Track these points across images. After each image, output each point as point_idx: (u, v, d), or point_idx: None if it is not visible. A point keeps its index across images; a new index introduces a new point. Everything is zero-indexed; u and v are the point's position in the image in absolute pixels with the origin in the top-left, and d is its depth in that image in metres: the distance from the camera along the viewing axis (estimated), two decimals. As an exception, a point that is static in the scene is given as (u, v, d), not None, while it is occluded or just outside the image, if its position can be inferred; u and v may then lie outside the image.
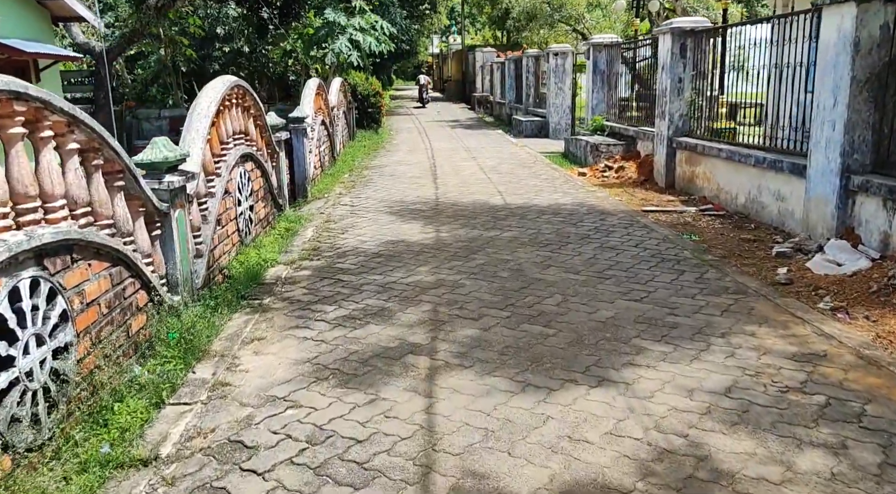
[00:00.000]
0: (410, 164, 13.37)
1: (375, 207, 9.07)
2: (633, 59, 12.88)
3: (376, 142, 17.58)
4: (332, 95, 14.04)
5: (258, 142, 7.25)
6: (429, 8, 37.85)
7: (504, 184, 10.70)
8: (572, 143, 13.79)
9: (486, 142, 17.23)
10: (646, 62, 12.13)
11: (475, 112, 29.93)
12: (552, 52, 17.73)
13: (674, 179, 10.22)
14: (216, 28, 22.15)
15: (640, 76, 12.48)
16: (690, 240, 6.97)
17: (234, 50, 22.47)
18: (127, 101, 21.26)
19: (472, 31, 57.74)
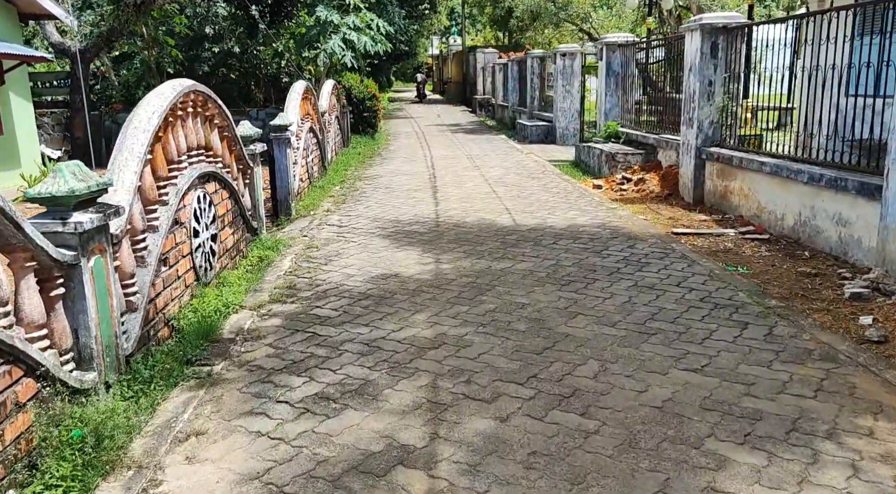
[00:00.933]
0: (408, 175, 12.25)
1: (367, 228, 7.94)
2: (652, 60, 11.76)
3: (372, 149, 16.45)
4: (323, 99, 12.92)
5: (225, 158, 6.12)
6: (428, 8, 36.82)
7: (512, 198, 9.56)
8: (584, 151, 12.66)
9: (490, 149, 16.11)
10: (667, 63, 11.01)
11: (476, 115, 28.81)
12: (559, 53, 16.61)
13: (703, 194, 9.09)
14: (205, 28, 21.04)
15: (660, 78, 11.36)
16: (739, 273, 5.84)
17: (224, 50, 21.35)
18: (114, 104, 20.17)
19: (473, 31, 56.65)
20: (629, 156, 11.00)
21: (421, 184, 11.10)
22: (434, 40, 62.55)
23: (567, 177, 11.46)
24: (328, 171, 12.36)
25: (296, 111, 9.59)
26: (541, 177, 11.59)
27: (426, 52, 64.00)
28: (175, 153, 4.79)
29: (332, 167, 12.92)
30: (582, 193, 9.90)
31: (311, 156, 10.84)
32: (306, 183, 10.31)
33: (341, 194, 10.38)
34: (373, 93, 17.55)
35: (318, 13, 14.95)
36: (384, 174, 12.44)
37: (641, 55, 12.34)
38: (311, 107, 11.07)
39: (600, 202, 9.23)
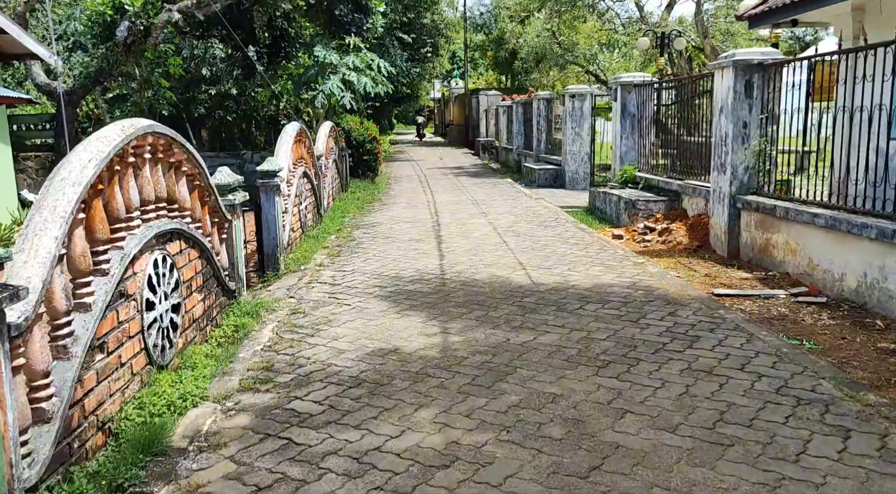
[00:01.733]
0: (410, 222, 11.35)
1: (363, 287, 6.97)
2: (670, 100, 10.98)
3: (371, 194, 15.62)
4: (320, 142, 12.12)
5: (195, 211, 5.20)
6: (430, 51, 36.70)
7: (526, 250, 8.62)
8: (599, 198, 11.78)
9: (496, 194, 15.26)
10: (691, 103, 10.21)
11: (480, 158, 28.17)
12: (568, 94, 15.93)
13: (738, 247, 8.15)
14: (202, 69, 20.53)
15: (682, 120, 10.55)
16: (808, 349, 4.84)
17: (220, 92, 20.79)
18: None
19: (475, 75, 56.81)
20: (651, 204, 10.11)
21: (424, 233, 10.18)
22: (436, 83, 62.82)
23: (583, 226, 10.54)
24: (324, 219, 11.46)
25: (287, 155, 8.73)
26: (554, 225, 10.67)
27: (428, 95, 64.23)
28: (123, 209, 3.86)
29: (329, 214, 12.03)
30: (603, 245, 8.96)
31: (305, 203, 9.96)
32: (298, 233, 9.40)
33: (337, 245, 9.44)
34: (373, 136, 16.82)
35: (317, 53, 14.31)
36: (384, 221, 11.55)
37: (660, 95, 11.57)
38: (305, 150, 10.24)
39: (624, 255, 8.28)
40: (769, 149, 7.85)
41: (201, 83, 20.48)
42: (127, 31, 13.42)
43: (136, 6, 13.40)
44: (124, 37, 13.44)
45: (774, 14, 9.92)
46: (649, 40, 16.75)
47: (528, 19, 23.95)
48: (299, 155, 9.76)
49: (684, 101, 10.56)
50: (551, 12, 21.01)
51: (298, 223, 9.42)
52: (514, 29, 25.86)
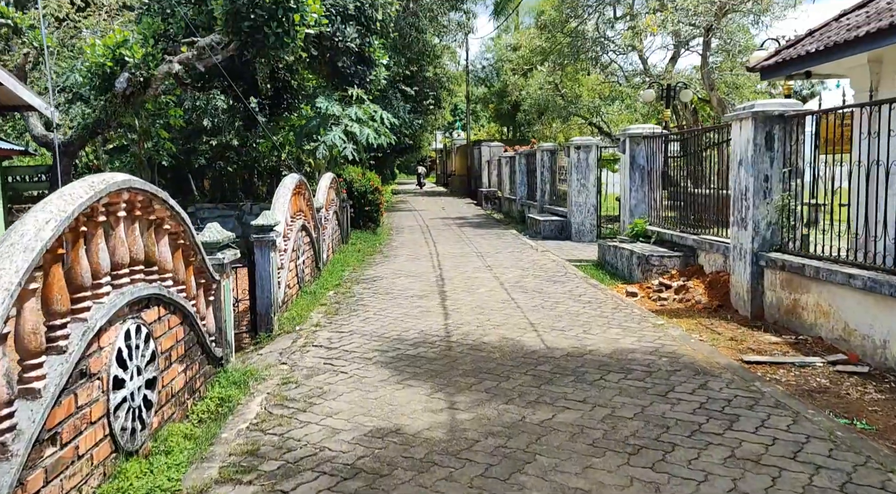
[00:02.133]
0: (412, 276, 10.87)
1: (361, 351, 6.44)
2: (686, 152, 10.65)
3: (373, 245, 15.20)
4: (320, 194, 11.77)
5: (178, 273, 4.73)
6: (433, 103, 37.00)
7: (536, 308, 8.11)
8: (610, 252, 11.33)
9: (501, 246, 14.84)
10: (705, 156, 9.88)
11: (482, 208, 27.91)
12: (574, 146, 15.69)
13: (763, 308, 7.64)
14: (203, 120, 20.47)
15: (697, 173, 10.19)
16: (861, 430, 4.29)
17: (221, 143, 20.68)
18: None
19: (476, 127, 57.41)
20: (665, 260, 9.65)
21: (427, 289, 9.69)
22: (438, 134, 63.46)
23: (594, 282, 10.05)
24: (322, 273, 10.99)
25: (285, 208, 8.33)
26: (563, 280, 10.18)
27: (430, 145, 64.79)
28: (89, 275, 3.39)
29: (328, 268, 11.57)
30: (617, 303, 8.45)
31: (303, 258, 9.51)
32: (295, 289, 8.91)
33: (335, 302, 8.94)
34: (375, 187, 16.53)
35: (319, 104, 14.13)
36: (385, 275, 11.07)
37: (671, 147, 11.26)
38: (304, 202, 9.86)
39: (642, 315, 7.76)
40: (793, 204, 7.43)
41: (202, 134, 20.40)
42: (126, 82, 13.26)
43: (137, 58, 13.28)
44: (123, 88, 13.28)
45: (788, 66, 9.67)
46: (655, 92, 16.63)
47: (530, 72, 24.05)
48: (298, 207, 9.36)
49: (697, 153, 10.23)
50: (554, 65, 21.06)
51: (295, 279, 8.94)
52: (517, 81, 25.97)
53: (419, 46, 30.00)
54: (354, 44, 14.33)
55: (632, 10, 17.79)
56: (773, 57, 10.14)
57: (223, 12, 12.13)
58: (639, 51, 19.07)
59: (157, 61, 13.52)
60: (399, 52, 28.53)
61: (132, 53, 13.09)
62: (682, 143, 10.89)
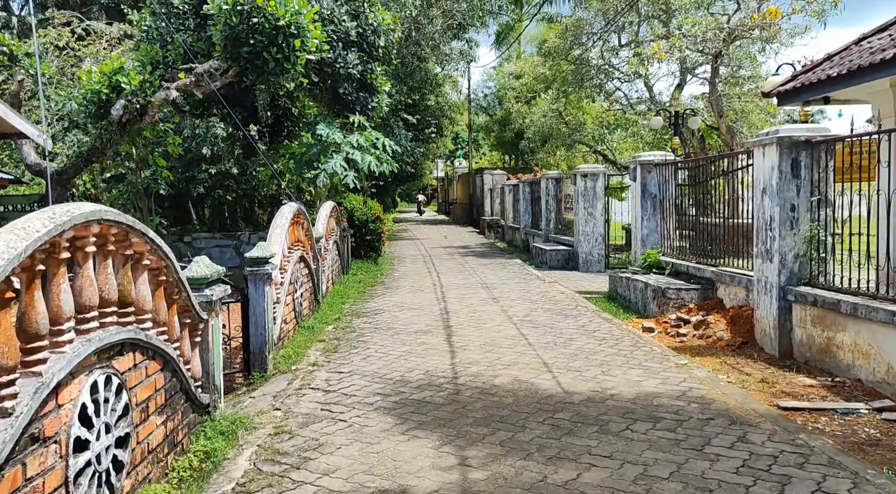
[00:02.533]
0: (415, 309, 10.37)
1: (362, 395, 5.92)
2: (700, 180, 10.23)
3: (374, 276, 14.73)
4: (320, 223, 11.34)
5: (159, 313, 4.25)
6: (434, 131, 36.89)
7: (548, 346, 7.60)
8: (622, 284, 10.84)
9: (506, 276, 14.36)
10: (723, 183, 9.46)
11: (485, 237, 27.50)
12: (580, 173, 15.32)
13: (791, 346, 7.14)
14: (202, 148, 20.20)
15: (714, 201, 9.76)
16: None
17: (221, 171, 20.37)
18: None
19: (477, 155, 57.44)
20: (682, 292, 9.15)
21: (431, 323, 9.18)
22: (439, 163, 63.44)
23: (607, 316, 9.55)
24: (321, 306, 10.50)
25: (282, 239, 7.88)
26: (575, 314, 9.68)
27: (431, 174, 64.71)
28: (45, 322, 2.92)
29: (327, 300, 11.08)
30: (635, 340, 7.94)
31: (301, 291, 9.03)
32: (292, 324, 8.42)
33: (334, 338, 8.43)
34: (376, 215, 16.13)
35: (319, 131, 13.80)
36: (387, 308, 10.58)
37: (684, 174, 10.85)
38: (303, 232, 9.42)
39: (662, 354, 7.25)
40: (823, 234, 6.98)
41: (202, 162, 20.11)
42: (122, 109, 12.94)
43: (133, 85, 12.98)
44: (119, 115, 12.96)
45: (806, 91, 9.32)
46: (662, 119, 16.32)
47: (534, 99, 23.85)
48: (296, 238, 8.91)
49: (713, 181, 9.81)
50: (558, 92, 20.83)
51: (292, 313, 8.45)
52: (521, 109, 25.76)
53: (421, 75, 29.96)
54: (356, 70, 14.06)
55: (637, 38, 17.59)
56: (790, 82, 9.79)
57: (222, 37, 11.85)
58: (644, 78, 18.84)
59: (154, 88, 13.22)
60: (401, 80, 28.46)
61: (129, 80, 12.80)
62: (696, 170, 10.48)
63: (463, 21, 27.38)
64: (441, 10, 27.11)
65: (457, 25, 28.66)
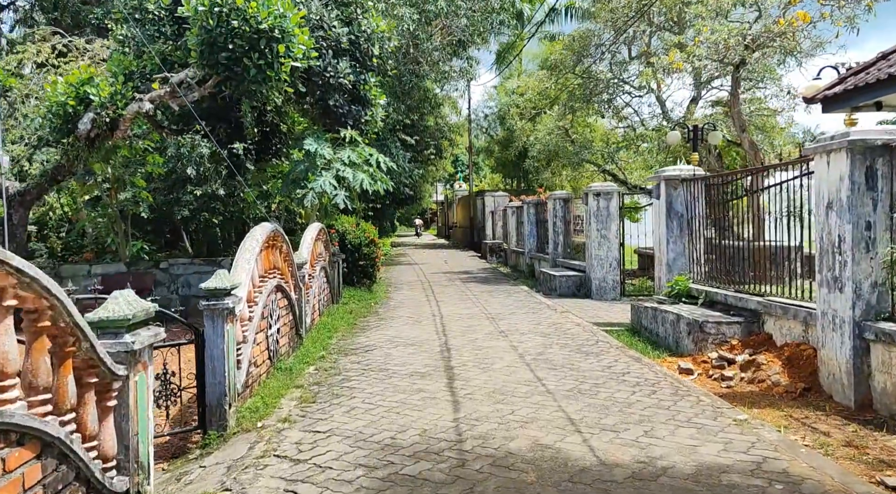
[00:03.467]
0: (412, 345, 9.06)
1: (340, 467, 4.59)
2: (737, 196, 9.00)
3: (367, 305, 13.42)
4: (304, 247, 10.07)
5: (36, 376, 2.96)
6: (434, 153, 35.85)
7: (572, 395, 6.28)
8: (646, 315, 9.53)
9: (513, 305, 13.05)
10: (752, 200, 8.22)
11: (487, 261, 26.24)
12: (592, 192, 14.11)
13: (870, 395, 5.82)
14: (187, 168, 19.03)
15: (758, 220, 8.51)
16: None
17: (207, 193, 19.14)
18: (86, 253, 17.67)
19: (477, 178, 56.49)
20: (723, 326, 7.85)
21: (430, 363, 7.87)
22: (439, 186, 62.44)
23: (635, 354, 8.23)
24: (304, 341, 9.18)
25: (250, 266, 6.60)
26: (597, 351, 8.36)
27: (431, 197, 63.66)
28: None
29: (312, 334, 9.76)
30: (674, 385, 6.61)
31: (277, 326, 7.73)
32: (265, 366, 7.10)
33: (314, 383, 7.10)
34: (371, 239, 14.86)
35: (307, 146, 12.61)
36: (380, 343, 9.27)
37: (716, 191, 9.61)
38: (281, 257, 8.14)
39: (713, 406, 5.91)
40: (906, 257, 5.72)
41: (187, 183, 18.90)
42: (91, 123, 11.74)
43: (103, 96, 11.80)
44: (87, 129, 11.75)
45: (858, 94, 8.16)
46: (680, 134, 15.17)
47: (538, 117, 22.78)
48: (271, 264, 7.63)
49: (748, 198, 8.57)
50: (565, 109, 19.73)
51: (265, 353, 7.13)
52: (524, 126, 24.66)
53: (419, 93, 28.96)
54: (348, 80, 12.92)
55: (649, 48, 16.52)
56: (837, 84, 8.62)
57: (198, 43, 10.71)
58: (656, 92, 17.75)
59: (126, 100, 12.03)
60: (398, 98, 27.43)
61: (97, 92, 11.63)
62: (730, 185, 9.24)
63: (463, 38, 26.46)
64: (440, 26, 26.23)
65: (456, 42, 27.76)
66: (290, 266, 8.59)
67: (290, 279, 8.54)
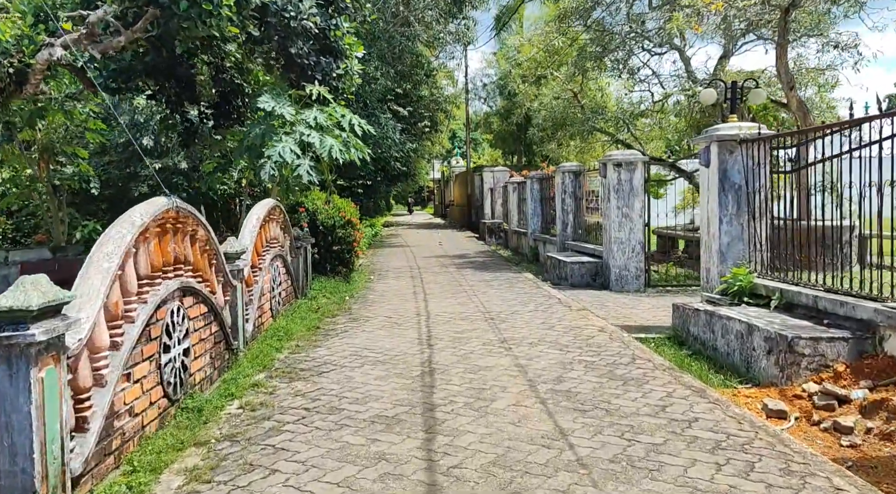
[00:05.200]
0: (384, 363, 6.73)
1: None
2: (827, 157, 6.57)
3: (340, 300, 11.07)
4: (246, 232, 7.67)
5: None
6: (429, 126, 33.30)
7: (619, 473, 3.94)
8: (696, 320, 7.17)
9: (516, 299, 10.72)
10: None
11: (485, 243, 23.89)
12: (613, 162, 11.69)
13: None
14: (142, 139, 16.53)
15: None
16: None
17: (168, 167, 16.62)
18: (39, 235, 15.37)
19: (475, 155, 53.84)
20: (822, 345, 5.50)
21: (403, 401, 5.53)
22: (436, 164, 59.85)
23: (691, 381, 5.87)
24: (242, 357, 6.83)
25: (111, 266, 4.18)
26: (637, 376, 6.01)
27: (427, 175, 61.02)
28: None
29: (256, 345, 7.41)
30: (780, 453, 4.25)
31: (185, 345, 5.35)
32: (154, 412, 4.74)
33: (227, 436, 4.76)
34: (347, 219, 12.43)
35: (262, 104, 10.15)
36: (341, 359, 6.93)
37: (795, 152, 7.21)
38: (192, 247, 5.72)
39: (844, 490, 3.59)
40: None
41: (147, 156, 16.38)
42: (-10, 74, 9.21)
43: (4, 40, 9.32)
44: (-10, 83, 9.24)
45: None
46: (716, 92, 12.69)
47: (543, 80, 20.21)
48: (170, 258, 5.21)
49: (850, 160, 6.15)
50: (574, 69, 17.18)
51: (158, 390, 4.76)
52: (528, 90, 22.06)
53: (412, 58, 26.35)
54: (314, 22, 10.43)
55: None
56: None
57: (113, -33, 8.26)
58: (681, 47, 15.24)
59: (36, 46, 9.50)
60: (388, 63, 24.81)
61: (0, 34, 9.13)
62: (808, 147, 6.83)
63: (459, -4, 23.82)
64: (433, -17, 23.65)
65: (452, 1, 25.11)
66: (213, 257, 6.20)
67: (213, 275, 6.15)
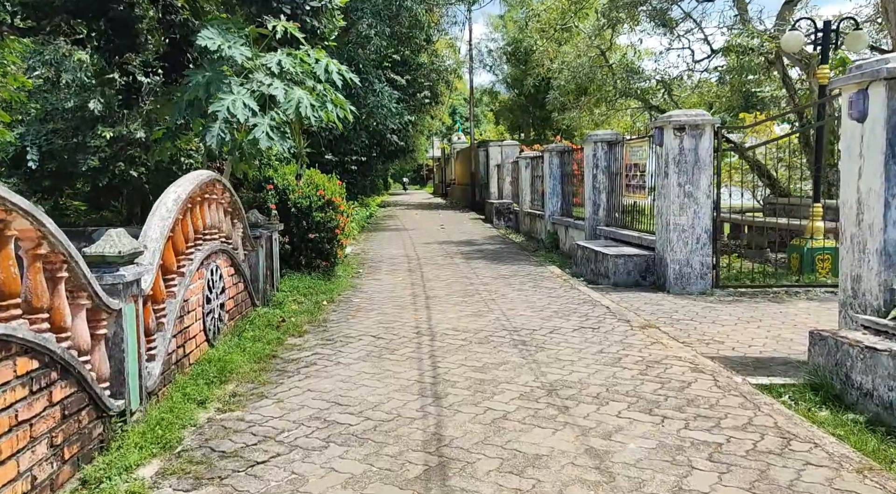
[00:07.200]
0: (361, 440, 4.07)
1: None
2: None
3: (315, 306, 8.34)
4: (153, 223, 4.92)
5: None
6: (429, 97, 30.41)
7: None
8: (875, 367, 4.48)
9: (548, 306, 8.05)
10: None
11: (493, 226, 21.17)
12: (673, 125, 8.92)
13: None
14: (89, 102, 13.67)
15: None
16: None
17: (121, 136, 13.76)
18: None
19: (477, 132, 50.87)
20: None
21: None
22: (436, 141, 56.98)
23: (922, 500, 3.24)
24: (126, 430, 4.16)
25: None
26: (808, 481, 3.37)
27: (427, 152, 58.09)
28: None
29: (166, 397, 4.73)
30: None
31: None
32: None
33: None
34: (328, 199, 9.68)
35: (202, 40, 7.36)
36: (293, 434, 4.29)
37: None
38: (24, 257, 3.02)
39: None
40: None
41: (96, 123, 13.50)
42: None
43: None
44: None
45: None
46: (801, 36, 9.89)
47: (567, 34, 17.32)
48: None
49: None
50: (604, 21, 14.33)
51: None
52: (548, 47, 19.18)
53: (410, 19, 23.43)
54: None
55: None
56: None
57: None
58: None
59: None
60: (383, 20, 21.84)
61: None
62: None
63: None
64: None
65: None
66: (72, 272, 3.48)
67: (60, 301, 3.44)
